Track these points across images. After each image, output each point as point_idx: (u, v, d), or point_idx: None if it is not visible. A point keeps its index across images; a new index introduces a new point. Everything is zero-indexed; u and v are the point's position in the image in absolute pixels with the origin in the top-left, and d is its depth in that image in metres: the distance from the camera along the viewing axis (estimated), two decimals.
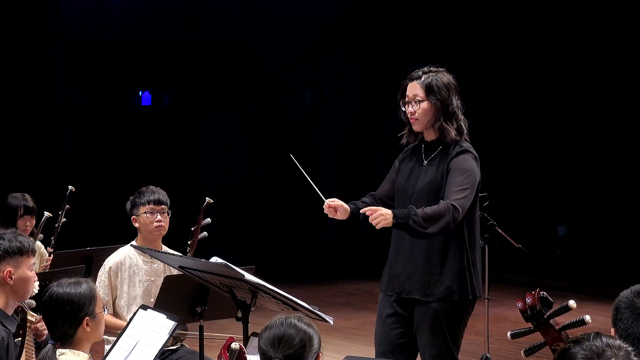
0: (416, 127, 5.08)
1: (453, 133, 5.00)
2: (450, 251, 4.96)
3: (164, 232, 5.79)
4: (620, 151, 12.73)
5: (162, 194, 5.82)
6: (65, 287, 3.86)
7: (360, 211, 4.87)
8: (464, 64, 12.69)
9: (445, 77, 5.06)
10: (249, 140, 14.09)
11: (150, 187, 5.87)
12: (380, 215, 4.73)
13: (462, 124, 5.06)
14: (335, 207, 5.01)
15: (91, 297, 3.87)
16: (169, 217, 5.80)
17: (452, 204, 4.79)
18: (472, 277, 4.98)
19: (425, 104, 5.01)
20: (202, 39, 13.63)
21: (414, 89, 5.05)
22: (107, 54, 13.07)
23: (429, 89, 5.00)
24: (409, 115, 5.06)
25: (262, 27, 13.89)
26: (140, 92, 13.57)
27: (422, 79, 5.04)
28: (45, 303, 3.87)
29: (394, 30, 14.01)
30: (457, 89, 5.08)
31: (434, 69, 5.09)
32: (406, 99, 5.07)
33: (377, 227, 4.78)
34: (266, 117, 14.14)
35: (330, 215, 5.02)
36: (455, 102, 5.04)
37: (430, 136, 5.09)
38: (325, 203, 4.99)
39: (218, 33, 13.70)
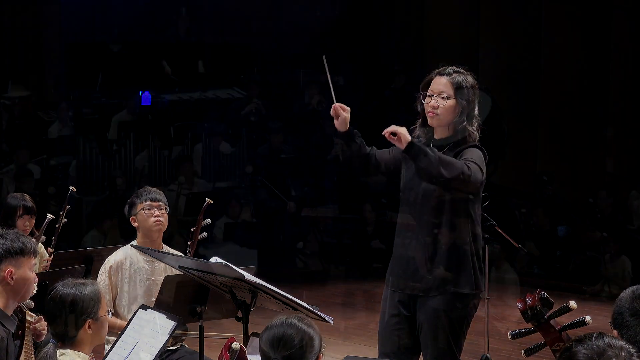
0: (432, 122, 5.03)
1: (474, 135, 5.00)
2: (456, 248, 4.94)
3: (163, 228, 5.76)
4: (620, 151, 12.73)
5: (158, 193, 5.81)
6: (70, 287, 3.86)
7: (384, 132, 4.82)
8: (464, 64, 12.66)
9: (471, 79, 5.05)
10: (249, 140, 14.06)
11: (147, 187, 5.87)
12: (404, 131, 4.77)
13: (477, 127, 5.04)
14: (341, 111, 4.98)
15: (95, 300, 3.86)
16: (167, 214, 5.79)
17: (465, 163, 4.81)
18: (476, 273, 4.98)
19: (451, 102, 4.97)
20: (202, 39, 13.62)
21: (442, 84, 5.01)
22: (107, 54, 13.05)
23: (458, 88, 4.98)
24: (429, 108, 5.01)
25: (262, 27, 13.88)
26: (140, 92, 13.56)
27: (453, 76, 5.01)
28: (49, 302, 3.86)
29: (394, 31, 14.00)
30: (478, 93, 5.07)
31: (462, 69, 5.08)
32: (429, 92, 5.04)
33: (394, 138, 4.77)
34: (266, 117, 14.11)
35: (332, 115, 5.00)
36: (476, 105, 5.04)
37: (440, 134, 5.06)
38: (335, 104, 4.99)
39: (218, 33, 13.69)
